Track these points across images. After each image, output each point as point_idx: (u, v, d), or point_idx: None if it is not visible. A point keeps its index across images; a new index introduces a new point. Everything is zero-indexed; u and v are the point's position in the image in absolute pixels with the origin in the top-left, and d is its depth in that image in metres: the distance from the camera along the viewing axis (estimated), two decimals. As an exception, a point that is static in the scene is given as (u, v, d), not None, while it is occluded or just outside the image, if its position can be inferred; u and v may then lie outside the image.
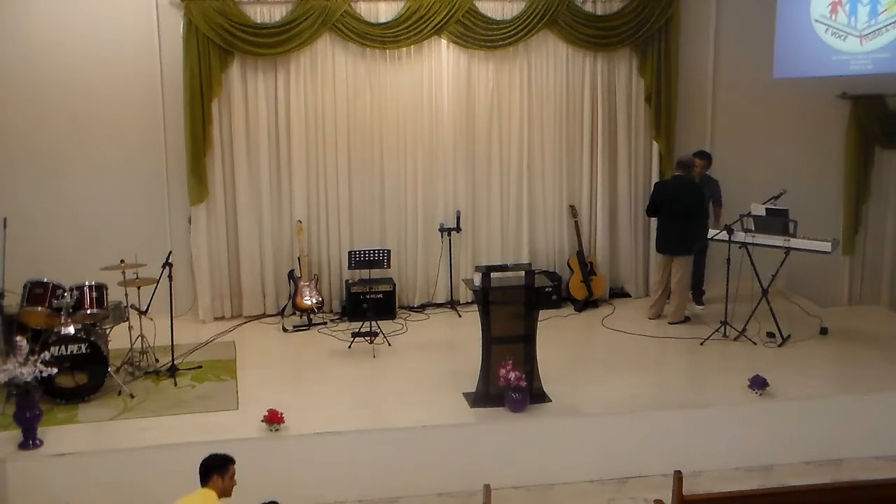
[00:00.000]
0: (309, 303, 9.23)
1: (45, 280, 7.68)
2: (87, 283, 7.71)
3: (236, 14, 9.06)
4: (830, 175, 10.31)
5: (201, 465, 5.11)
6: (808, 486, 6.00)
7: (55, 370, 6.89)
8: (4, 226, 8.45)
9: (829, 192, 10.31)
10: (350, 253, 9.03)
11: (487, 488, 5.44)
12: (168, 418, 7.10)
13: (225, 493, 5.08)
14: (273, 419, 6.82)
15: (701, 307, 9.76)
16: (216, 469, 5.09)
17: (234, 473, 5.14)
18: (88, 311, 7.64)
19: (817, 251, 8.73)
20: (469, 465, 6.82)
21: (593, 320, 9.53)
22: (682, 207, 9.03)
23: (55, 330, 7.38)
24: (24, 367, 6.60)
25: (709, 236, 8.93)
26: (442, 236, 9.83)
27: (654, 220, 9.64)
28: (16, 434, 6.70)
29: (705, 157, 9.64)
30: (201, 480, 5.08)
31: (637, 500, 6.72)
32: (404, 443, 6.89)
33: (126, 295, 8.08)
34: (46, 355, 7.05)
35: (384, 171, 9.70)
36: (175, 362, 7.96)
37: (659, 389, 7.67)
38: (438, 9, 9.35)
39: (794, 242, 8.65)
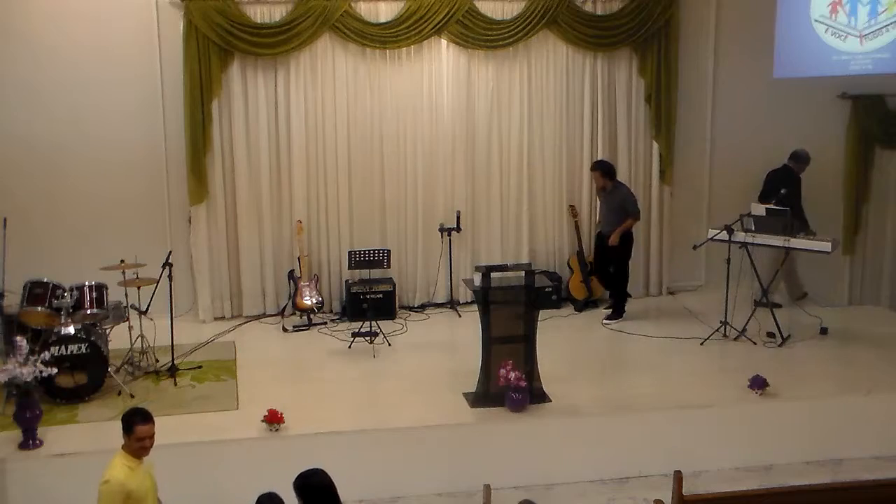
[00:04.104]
0: (309, 303, 9.23)
1: (45, 280, 7.68)
2: (87, 283, 7.71)
3: (236, 14, 9.06)
4: (830, 175, 10.30)
5: None
6: (808, 486, 6.01)
7: (55, 370, 6.89)
8: (4, 226, 8.45)
9: (829, 192, 10.30)
10: (350, 253, 9.03)
11: (487, 488, 5.44)
12: (168, 418, 7.05)
13: (135, 452, 4.84)
14: (273, 419, 6.83)
15: (614, 322, 9.32)
16: (123, 428, 4.85)
17: (142, 436, 4.80)
18: (88, 311, 7.63)
19: (817, 251, 8.74)
20: (469, 465, 6.82)
21: (593, 320, 9.52)
22: (774, 197, 9.20)
23: (55, 330, 7.38)
24: (24, 367, 6.60)
25: (709, 236, 8.91)
26: (442, 236, 9.83)
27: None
28: (16, 434, 6.71)
29: (601, 167, 9.29)
30: None
31: (637, 500, 6.72)
32: (404, 443, 6.89)
33: (126, 295, 8.08)
34: (46, 355, 7.04)
35: (384, 171, 9.70)
36: (175, 362, 7.96)
37: (659, 389, 7.67)
38: (438, 9, 9.35)
39: (794, 242, 8.65)
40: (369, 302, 9.11)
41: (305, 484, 4.61)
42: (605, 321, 9.38)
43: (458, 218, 9.81)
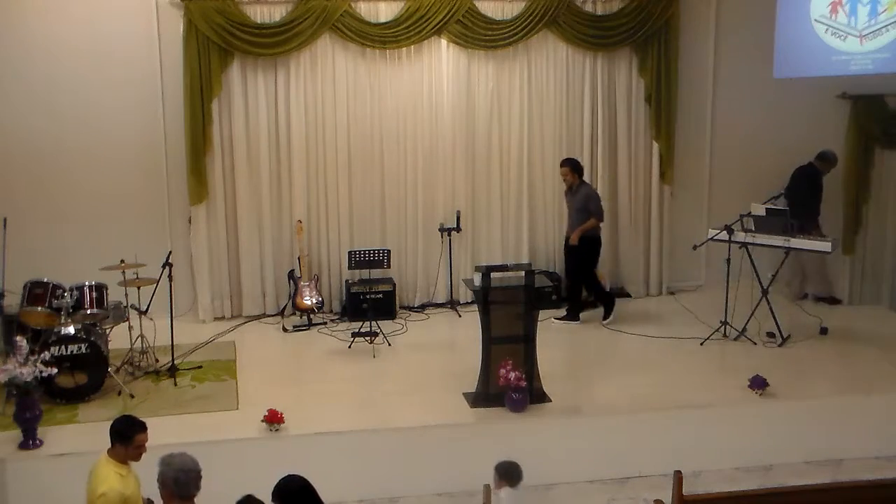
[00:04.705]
0: (309, 303, 9.23)
1: (45, 280, 7.69)
2: (87, 283, 7.72)
3: (236, 14, 9.06)
4: (830, 175, 10.29)
5: (109, 427, 4.91)
6: (808, 486, 6.01)
7: (55, 370, 6.90)
8: (4, 226, 8.45)
9: (829, 192, 10.28)
10: (350, 253, 9.03)
11: (487, 488, 5.45)
12: (168, 418, 7.09)
13: (130, 458, 4.87)
14: (273, 419, 6.83)
15: (608, 321, 9.31)
16: (119, 438, 4.85)
17: (141, 443, 4.85)
18: (88, 311, 7.64)
19: (817, 251, 8.74)
20: (469, 465, 6.80)
21: (593, 320, 9.52)
22: (792, 194, 9.57)
23: (55, 330, 7.38)
24: (24, 367, 6.60)
25: (709, 236, 8.91)
26: (442, 236, 9.83)
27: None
28: (16, 434, 6.71)
29: (567, 164, 9.18)
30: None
31: (637, 500, 6.72)
32: (404, 443, 6.89)
33: (126, 295, 8.08)
34: (46, 355, 7.05)
35: (384, 171, 9.70)
36: (175, 362, 7.96)
37: (659, 389, 7.66)
38: (438, 9, 9.35)
39: (795, 242, 8.65)
40: (369, 302, 9.10)
41: (287, 491, 4.54)
42: (602, 322, 9.36)
43: (458, 218, 9.81)
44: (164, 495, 4.43)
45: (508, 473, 5.47)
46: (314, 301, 9.25)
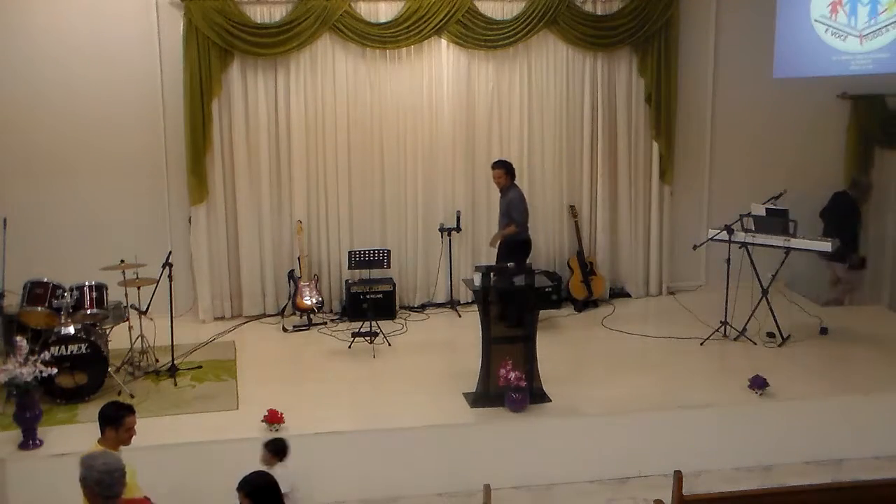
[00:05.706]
0: (309, 303, 9.23)
1: (45, 280, 7.69)
2: (87, 283, 7.73)
3: (236, 14, 9.06)
4: (830, 175, 10.31)
5: (98, 414, 4.95)
6: (808, 486, 6.00)
7: (55, 370, 6.89)
8: (4, 226, 8.44)
9: (829, 193, 10.29)
10: (350, 253, 9.03)
11: (487, 488, 5.44)
12: (168, 418, 7.10)
13: (121, 443, 4.94)
14: (273, 419, 6.83)
15: None
16: (110, 422, 4.90)
17: (131, 425, 4.93)
18: (88, 311, 7.64)
19: (817, 251, 8.74)
20: (469, 465, 6.82)
21: (593, 320, 9.52)
22: (828, 218, 9.85)
23: (55, 330, 7.39)
24: (24, 367, 6.60)
25: (709, 236, 8.90)
26: (442, 236, 9.83)
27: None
28: (16, 434, 6.72)
29: (501, 166, 8.99)
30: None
31: (637, 500, 6.72)
32: (404, 443, 6.89)
33: (126, 295, 8.08)
34: (46, 355, 7.05)
35: (384, 171, 9.70)
36: (175, 362, 7.96)
37: (659, 389, 7.67)
38: (438, 9, 9.35)
39: (795, 242, 8.65)
40: (369, 302, 9.10)
41: (255, 485, 4.65)
42: None
43: (458, 218, 9.81)
44: (88, 496, 4.36)
45: (278, 449, 5.77)
46: (314, 301, 9.25)
